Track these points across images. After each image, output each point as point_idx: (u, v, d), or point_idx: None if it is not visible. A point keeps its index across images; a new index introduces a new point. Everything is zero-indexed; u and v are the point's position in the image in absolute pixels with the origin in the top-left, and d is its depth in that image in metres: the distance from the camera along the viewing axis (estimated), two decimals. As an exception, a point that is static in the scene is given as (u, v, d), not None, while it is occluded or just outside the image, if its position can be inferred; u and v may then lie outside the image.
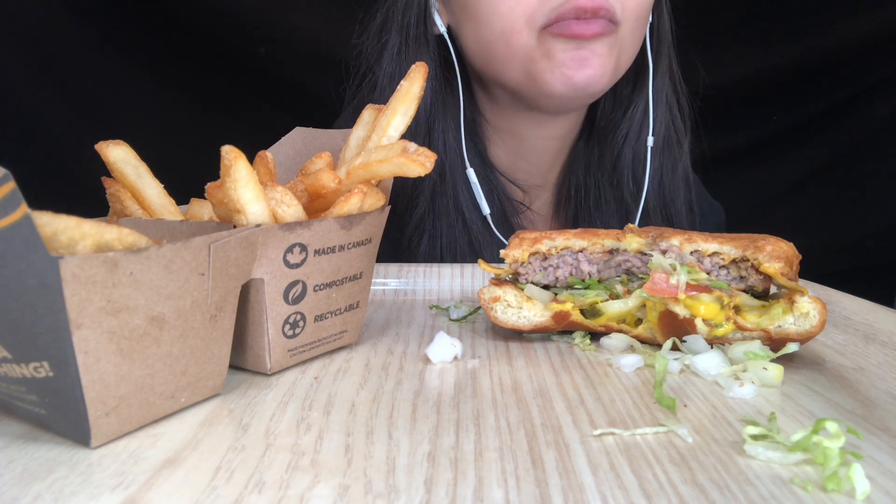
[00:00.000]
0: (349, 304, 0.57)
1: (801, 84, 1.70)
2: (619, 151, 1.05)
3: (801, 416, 0.45)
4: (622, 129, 1.04)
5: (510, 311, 0.61)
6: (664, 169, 1.06)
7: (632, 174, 1.05)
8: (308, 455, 0.39)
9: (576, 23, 0.86)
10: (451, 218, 1.00)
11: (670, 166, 1.06)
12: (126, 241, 0.39)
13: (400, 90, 0.55)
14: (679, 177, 1.06)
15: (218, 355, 0.46)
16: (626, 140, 1.04)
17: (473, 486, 0.35)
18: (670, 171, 1.06)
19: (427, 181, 1.00)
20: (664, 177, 1.06)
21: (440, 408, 0.46)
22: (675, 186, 1.06)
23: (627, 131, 1.04)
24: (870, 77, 1.67)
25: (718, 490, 0.35)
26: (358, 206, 0.54)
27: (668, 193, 1.06)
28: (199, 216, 0.57)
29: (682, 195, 1.07)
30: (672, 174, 1.06)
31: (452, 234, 1.00)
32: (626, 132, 1.04)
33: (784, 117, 1.75)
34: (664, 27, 1.04)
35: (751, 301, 0.57)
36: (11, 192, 0.31)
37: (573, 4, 0.85)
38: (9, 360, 0.38)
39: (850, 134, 1.72)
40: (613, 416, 0.45)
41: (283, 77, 1.67)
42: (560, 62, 0.89)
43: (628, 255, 0.60)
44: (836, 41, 1.64)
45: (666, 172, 1.06)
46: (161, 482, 0.36)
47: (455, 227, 1.00)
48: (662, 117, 1.05)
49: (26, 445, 0.40)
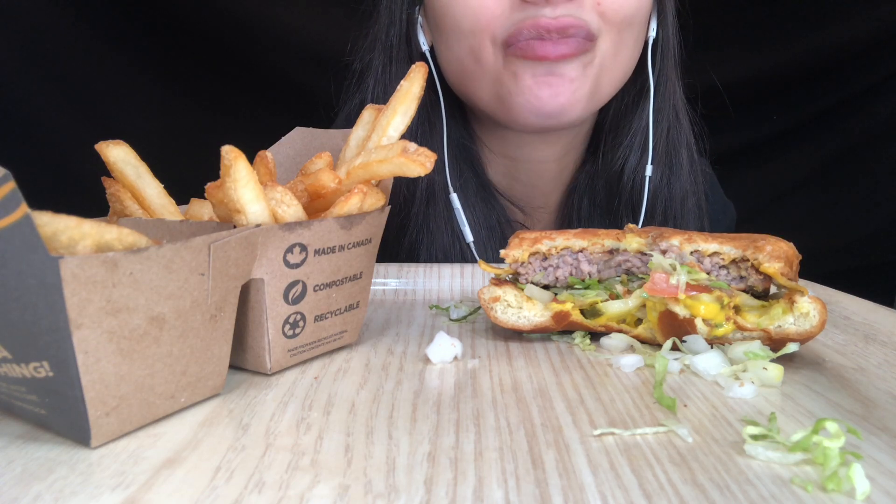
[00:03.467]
0: (349, 304, 0.57)
1: (801, 84, 1.71)
2: (619, 178, 0.97)
3: (801, 416, 0.45)
4: (620, 156, 0.97)
5: (510, 311, 0.61)
6: (668, 191, 0.98)
7: (630, 201, 0.97)
8: (308, 455, 0.39)
9: (539, 43, 0.78)
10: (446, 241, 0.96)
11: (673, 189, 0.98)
12: (126, 241, 0.39)
13: (400, 90, 0.55)
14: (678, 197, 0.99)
15: (218, 355, 0.46)
16: (624, 167, 0.97)
17: (473, 486, 0.35)
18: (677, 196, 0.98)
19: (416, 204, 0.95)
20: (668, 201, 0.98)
21: (440, 408, 0.46)
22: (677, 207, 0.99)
23: (627, 158, 0.97)
24: (869, 77, 1.68)
25: (718, 490, 0.35)
26: (358, 206, 0.54)
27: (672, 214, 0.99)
28: (199, 216, 0.57)
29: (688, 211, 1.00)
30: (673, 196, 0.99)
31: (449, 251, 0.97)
32: (626, 158, 0.97)
33: (784, 117, 1.75)
34: (668, 43, 0.94)
35: (751, 301, 0.57)
36: (11, 192, 0.31)
37: (533, 22, 0.77)
38: (9, 360, 0.38)
39: (849, 134, 1.72)
40: (613, 416, 0.45)
41: (283, 77, 1.67)
42: (527, 87, 0.82)
43: (628, 255, 0.60)
44: (836, 41, 1.64)
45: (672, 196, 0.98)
46: (161, 482, 0.36)
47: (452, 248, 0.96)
48: (663, 142, 0.97)
49: (26, 445, 0.40)
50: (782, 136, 1.77)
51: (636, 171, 0.97)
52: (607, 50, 0.84)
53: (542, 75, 0.81)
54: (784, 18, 1.64)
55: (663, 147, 0.97)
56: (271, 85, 1.68)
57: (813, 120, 1.74)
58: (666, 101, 0.96)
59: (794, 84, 1.71)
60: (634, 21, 0.84)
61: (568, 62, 0.81)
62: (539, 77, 0.81)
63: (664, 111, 0.96)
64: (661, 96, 0.96)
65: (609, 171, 0.99)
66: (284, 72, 1.67)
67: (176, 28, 1.62)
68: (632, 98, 0.97)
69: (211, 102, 1.65)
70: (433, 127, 0.95)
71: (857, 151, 1.72)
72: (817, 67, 1.68)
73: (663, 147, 0.97)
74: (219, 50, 1.64)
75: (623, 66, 0.88)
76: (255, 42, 1.63)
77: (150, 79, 1.65)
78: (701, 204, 1.03)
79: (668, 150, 0.98)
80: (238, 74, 1.66)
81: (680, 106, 0.99)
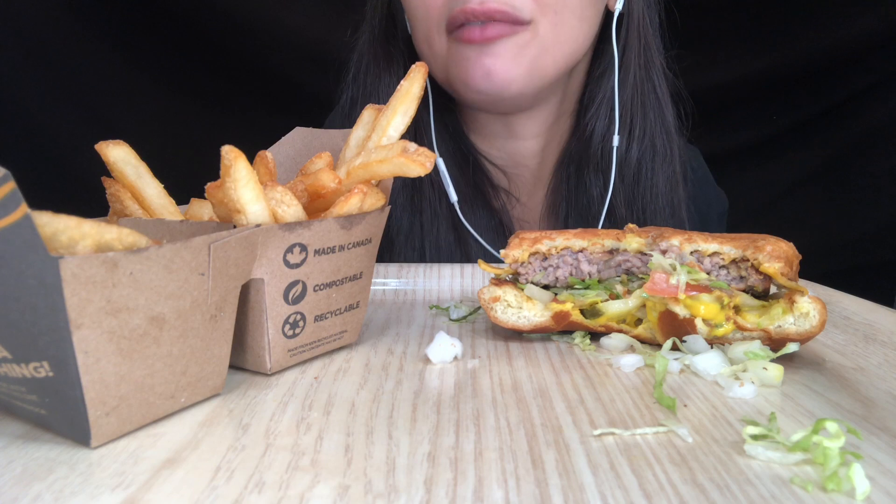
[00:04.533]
0: (349, 305, 0.57)
1: (801, 84, 1.70)
2: (587, 147, 1.02)
3: (801, 416, 0.45)
4: (588, 125, 1.02)
5: (510, 311, 0.61)
6: (643, 168, 1.01)
7: (600, 173, 1.01)
8: (308, 455, 0.39)
9: (468, 28, 0.86)
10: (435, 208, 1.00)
11: (650, 165, 1.01)
12: (126, 241, 0.39)
13: (400, 90, 0.55)
14: (660, 178, 1.02)
15: (218, 355, 0.46)
16: (592, 136, 1.01)
17: (473, 486, 0.35)
18: (649, 173, 1.01)
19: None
20: (640, 178, 1.01)
21: (440, 408, 0.46)
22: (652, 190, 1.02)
23: (594, 127, 1.01)
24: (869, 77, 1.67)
25: (718, 490, 0.35)
26: (358, 206, 0.54)
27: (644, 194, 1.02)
28: (199, 216, 0.57)
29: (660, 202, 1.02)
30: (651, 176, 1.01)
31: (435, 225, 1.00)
32: (593, 128, 1.01)
33: (784, 117, 1.75)
34: (634, 17, 0.98)
35: (751, 301, 0.57)
36: (11, 192, 0.31)
37: (461, 9, 0.85)
38: (9, 360, 0.38)
39: (849, 134, 1.72)
40: (613, 416, 0.45)
41: (284, 77, 1.67)
42: (465, 68, 0.89)
43: (628, 255, 0.60)
44: (836, 41, 1.64)
45: (644, 173, 1.01)
46: (161, 482, 0.36)
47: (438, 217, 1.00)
48: (635, 115, 1.00)
49: (26, 445, 0.40)
50: (782, 136, 1.77)
51: (604, 140, 1.01)
52: (546, 32, 0.89)
53: (476, 57, 0.88)
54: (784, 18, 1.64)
55: (630, 117, 1.00)
56: (271, 85, 1.68)
57: (813, 120, 1.73)
58: (633, 72, 1.00)
59: (794, 84, 1.70)
60: (570, 2, 0.89)
61: (498, 43, 0.87)
62: (472, 59, 0.88)
63: (630, 82, 1.00)
64: (626, 68, 0.99)
65: (581, 141, 1.03)
66: (285, 72, 1.67)
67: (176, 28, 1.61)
68: (600, 70, 1.01)
69: (211, 102, 1.65)
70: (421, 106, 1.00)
71: (857, 151, 1.72)
72: (817, 67, 1.67)
73: (630, 117, 1.00)
74: (219, 50, 1.64)
75: (569, 43, 0.92)
76: (256, 42, 1.63)
77: (150, 79, 1.65)
78: (677, 175, 1.04)
79: (636, 120, 1.01)
80: (238, 74, 1.66)
81: (655, 78, 1.02)
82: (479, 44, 0.87)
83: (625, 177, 1.01)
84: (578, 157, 1.03)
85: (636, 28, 0.99)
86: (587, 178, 1.02)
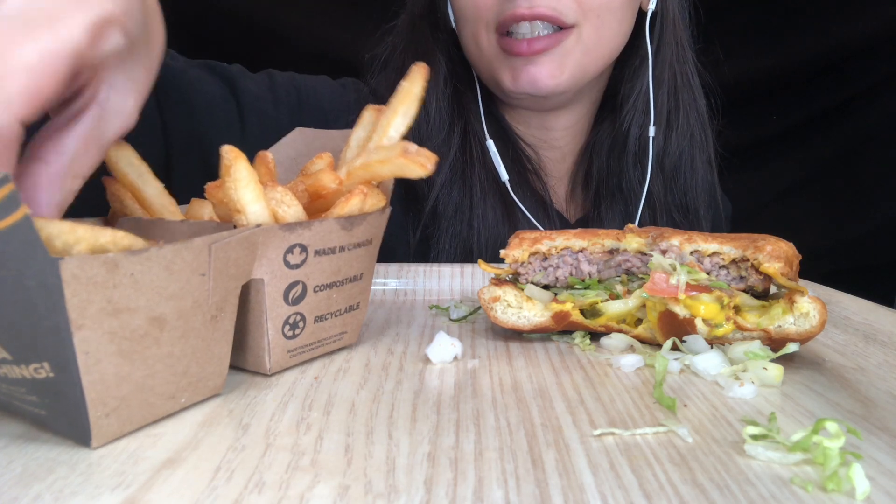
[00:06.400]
0: (349, 305, 0.57)
1: (801, 84, 1.70)
2: (625, 139, 1.06)
3: (801, 416, 0.45)
4: (626, 119, 1.06)
5: (510, 311, 0.61)
6: (682, 158, 1.07)
7: (638, 162, 1.06)
8: (308, 455, 0.39)
9: (516, 42, 0.90)
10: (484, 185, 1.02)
11: (689, 155, 1.07)
12: (121, 244, 0.39)
13: (400, 90, 0.55)
14: (699, 163, 1.07)
15: (218, 356, 0.46)
16: (630, 128, 1.05)
17: (473, 486, 0.35)
18: (689, 161, 1.07)
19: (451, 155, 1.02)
20: (681, 166, 1.07)
21: (440, 408, 0.46)
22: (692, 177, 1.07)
23: (632, 119, 1.05)
24: (869, 77, 1.67)
25: (718, 490, 0.35)
26: (359, 206, 0.54)
27: (683, 184, 1.07)
28: (199, 216, 0.57)
29: (700, 187, 1.08)
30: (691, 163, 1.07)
31: (486, 201, 1.03)
32: (631, 119, 1.05)
33: (784, 117, 1.75)
34: (669, 13, 1.03)
35: (751, 301, 0.57)
36: (11, 193, 0.31)
37: (510, 13, 0.89)
38: (9, 361, 0.38)
39: (850, 134, 1.72)
40: (613, 416, 0.45)
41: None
42: (511, 76, 0.94)
43: (628, 255, 0.60)
44: (836, 41, 1.64)
45: (685, 162, 1.07)
46: (161, 482, 0.36)
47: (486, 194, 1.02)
48: (672, 108, 1.05)
49: (26, 445, 0.40)
50: (782, 136, 1.77)
51: (641, 132, 1.05)
52: (589, 35, 0.93)
53: (522, 66, 0.93)
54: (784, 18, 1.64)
55: (668, 110, 1.05)
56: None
57: (813, 120, 1.73)
58: (668, 68, 1.04)
59: (794, 84, 1.70)
60: (613, 5, 0.93)
61: (543, 56, 0.91)
62: (518, 68, 0.93)
63: (665, 77, 1.04)
64: (661, 64, 1.04)
65: (616, 133, 1.07)
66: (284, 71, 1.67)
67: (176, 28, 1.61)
68: (634, 66, 1.05)
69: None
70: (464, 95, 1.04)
71: (857, 151, 1.72)
72: (817, 67, 1.67)
73: (668, 110, 1.05)
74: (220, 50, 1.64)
75: (609, 45, 0.97)
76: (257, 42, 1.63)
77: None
78: (711, 162, 1.11)
79: (673, 113, 1.06)
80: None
81: (689, 71, 1.07)
82: (526, 56, 0.91)
83: (664, 167, 1.06)
84: (614, 146, 1.08)
85: (671, 26, 1.03)
86: (625, 166, 1.06)
